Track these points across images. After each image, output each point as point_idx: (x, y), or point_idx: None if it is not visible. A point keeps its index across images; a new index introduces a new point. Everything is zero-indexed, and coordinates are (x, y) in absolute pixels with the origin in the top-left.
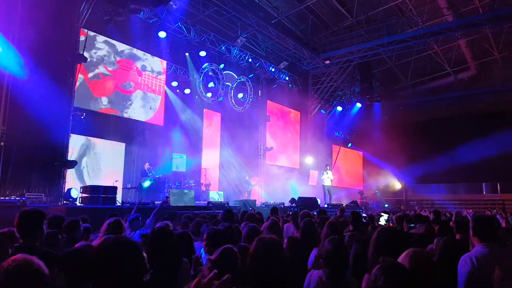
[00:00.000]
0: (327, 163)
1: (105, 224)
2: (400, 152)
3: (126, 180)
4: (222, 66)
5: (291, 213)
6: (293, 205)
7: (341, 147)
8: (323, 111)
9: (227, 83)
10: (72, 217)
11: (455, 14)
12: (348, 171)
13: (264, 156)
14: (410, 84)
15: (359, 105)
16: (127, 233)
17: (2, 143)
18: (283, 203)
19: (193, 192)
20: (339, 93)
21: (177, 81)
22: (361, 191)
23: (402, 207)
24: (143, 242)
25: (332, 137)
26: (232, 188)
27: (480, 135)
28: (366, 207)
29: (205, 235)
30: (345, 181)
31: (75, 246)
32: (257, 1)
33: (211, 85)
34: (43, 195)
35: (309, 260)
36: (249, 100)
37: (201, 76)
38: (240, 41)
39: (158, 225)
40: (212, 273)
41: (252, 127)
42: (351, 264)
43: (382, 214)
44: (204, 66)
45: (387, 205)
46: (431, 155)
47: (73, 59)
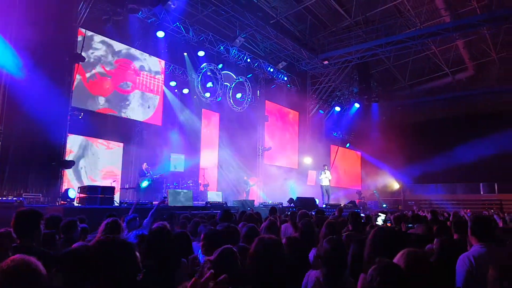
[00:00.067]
0: (325, 163)
1: (102, 224)
2: (398, 152)
3: (124, 180)
4: (220, 66)
5: (289, 213)
6: (292, 205)
7: (340, 147)
8: (321, 111)
9: (225, 83)
10: (69, 218)
11: (452, 15)
12: (346, 171)
13: (262, 156)
14: (408, 84)
15: (357, 105)
16: (124, 233)
17: None
18: (282, 203)
19: (191, 192)
20: (338, 93)
21: (175, 81)
22: (359, 191)
23: (400, 207)
24: (139, 242)
25: (330, 137)
26: (230, 188)
27: (477, 136)
28: (364, 207)
29: (202, 236)
30: (343, 181)
31: (73, 246)
32: (256, 1)
33: (210, 85)
34: (41, 195)
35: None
36: (247, 100)
37: (199, 76)
38: (238, 41)
39: (155, 225)
40: (208, 273)
41: (250, 127)
42: (349, 264)
43: (379, 214)
44: (202, 66)
45: (385, 205)
46: (429, 155)
47: (71, 59)
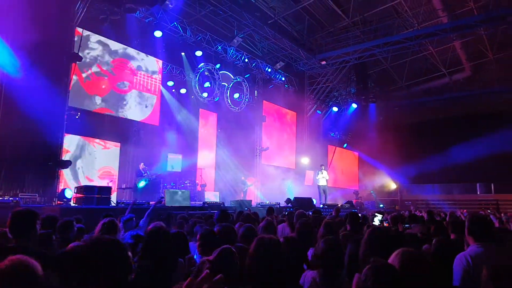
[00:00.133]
0: (322, 163)
1: (99, 224)
2: (395, 152)
3: (121, 180)
4: (218, 66)
5: (286, 213)
6: (289, 205)
7: (337, 148)
8: (319, 112)
9: (223, 83)
10: (66, 218)
11: (450, 15)
12: (343, 171)
13: (260, 156)
14: (405, 85)
15: (354, 105)
16: (121, 233)
17: None
18: (279, 203)
19: (189, 192)
20: (335, 93)
21: (172, 81)
22: (356, 191)
23: (397, 207)
24: (135, 242)
25: (328, 137)
26: (228, 188)
27: (474, 136)
28: (361, 207)
29: (198, 236)
30: (341, 181)
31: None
32: (254, 1)
33: (207, 85)
34: (37, 195)
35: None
36: (245, 100)
37: (197, 76)
38: (236, 41)
39: (151, 225)
40: (204, 273)
41: (248, 127)
42: (346, 264)
43: (376, 214)
44: (200, 66)
45: (382, 205)
46: (426, 155)
47: (68, 58)
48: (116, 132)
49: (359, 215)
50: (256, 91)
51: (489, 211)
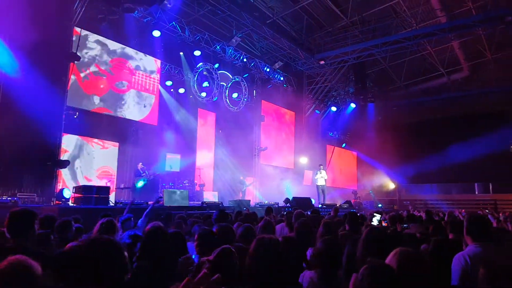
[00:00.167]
0: (321, 163)
1: (97, 224)
2: (393, 152)
3: (119, 180)
4: (216, 65)
5: (285, 213)
6: (287, 205)
7: (335, 147)
8: (317, 111)
9: (221, 83)
10: (64, 217)
11: (448, 15)
12: (342, 171)
13: (258, 156)
14: (403, 84)
15: (353, 105)
16: (119, 233)
17: None
18: (278, 203)
19: (187, 192)
20: (334, 93)
21: (171, 81)
22: (355, 191)
23: (395, 207)
24: (132, 242)
25: (326, 137)
26: (226, 188)
27: (472, 136)
28: (359, 207)
29: (196, 235)
30: (339, 181)
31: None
32: (252, 1)
33: (206, 84)
34: (35, 195)
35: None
36: (243, 100)
37: (195, 75)
38: (235, 40)
39: (149, 225)
40: (201, 273)
41: (246, 127)
42: (344, 264)
43: (375, 214)
44: (198, 65)
45: (380, 205)
46: (424, 155)
47: (66, 58)
48: (114, 132)
49: (358, 214)
50: (254, 91)
51: (487, 211)
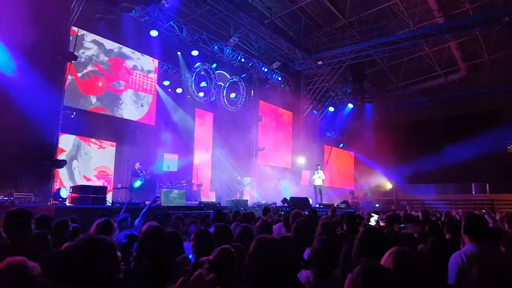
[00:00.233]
0: (318, 163)
1: (94, 224)
2: (391, 152)
3: (117, 180)
4: (214, 65)
5: (282, 213)
6: (285, 205)
7: (333, 147)
8: (315, 112)
9: (219, 83)
10: (60, 217)
11: (445, 16)
12: (339, 171)
13: (256, 156)
14: (401, 85)
15: (350, 105)
16: (116, 233)
17: None
18: (275, 203)
19: (185, 192)
20: (331, 93)
21: (169, 80)
22: (352, 191)
23: (392, 207)
24: (129, 242)
25: (324, 137)
26: (224, 188)
27: (469, 136)
28: (357, 207)
29: (193, 235)
30: (337, 181)
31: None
32: (250, 1)
33: (203, 84)
34: (32, 195)
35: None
36: (241, 100)
37: (193, 75)
38: (232, 40)
39: (146, 225)
40: (196, 273)
41: (244, 127)
42: (342, 264)
43: (372, 214)
44: (196, 65)
45: (377, 205)
46: (421, 155)
47: (63, 58)
48: (111, 131)
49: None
50: (252, 91)
51: (483, 211)
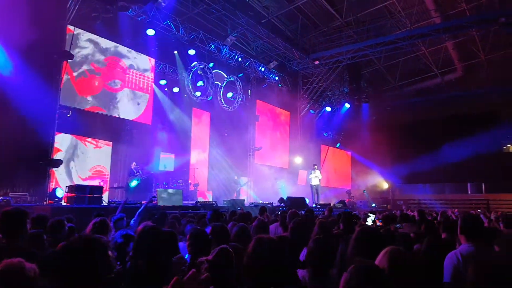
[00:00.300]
0: (315, 163)
1: (90, 224)
2: (387, 152)
3: (113, 179)
4: (211, 65)
5: (279, 212)
6: (282, 204)
7: (330, 147)
8: (312, 111)
9: (216, 82)
10: (56, 217)
11: (442, 16)
12: (336, 171)
13: (253, 155)
14: (397, 85)
15: (347, 105)
16: (112, 233)
17: None
18: (272, 203)
19: (181, 191)
20: (328, 93)
21: (165, 80)
22: (348, 191)
23: (389, 206)
24: (124, 241)
25: (321, 137)
26: (221, 187)
27: (466, 136)
28: (353, 206)
29: (188, 235)
30: (333, 180)
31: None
32: (247, 0)
33: (200, 83)
34: (28, 194)
35: (301, 256)
36: (238, 99)
37: (190, 74)
38: (230, 40)
39: (141, 225)
40: (190, 272)
41: (241, 126)
42: (338, 263)
43: (369, 214)
44: (193, 64)
45: (374, 205)
46: (417, 155)
47: (59, 56)
48: (108, 131)
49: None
50: (249, 90)
51: (479, 211)
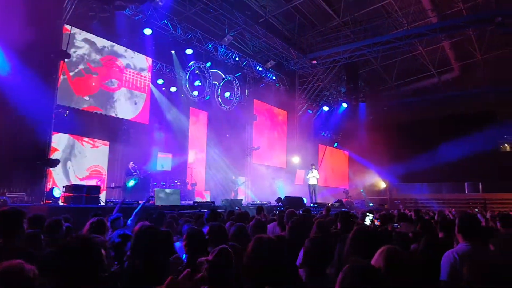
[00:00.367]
0: (312, 162)
1: (87, 223)
2: (384, 151)
3: (110, 179)
4: (209, 64)
5: (277, 212)
6: (279, 204)
7: (327, 147)
8: (309, 111)
9: (213, 82)
10: (53, 217)
11: (439, 16)
12: (334, 171)
13: (251, 155)
14: (394, 85)
15: (345, 105)
16: (109, 233)
17: None
18: (270, 203)
19: (179, 191)
20: (326, 93)
21: (162, 79)
22: (346, 190)
23: (386, 206)
24: (121, 241)
25: (318, 136)
26: (218, 187)
27: (463, 135)
28: (351, 206)
29: (185, 235)
30: (331, 180)
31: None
32: None
33: (198, 83)
34: (25, 194)
35: (298, 259)
36: (236, 99)
37: (187, 74)
38: (227, 39)
39: (139, 224)
40: (185, 272)
41: (239, 126)
42: (336, 262)
43: (367, 214)
44: (190, 64)
45: (371, 204)
46: (415, 154)
47: (56, 56)
48: (105, 130)
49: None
50: (247, 90)
51: (476, 210)
